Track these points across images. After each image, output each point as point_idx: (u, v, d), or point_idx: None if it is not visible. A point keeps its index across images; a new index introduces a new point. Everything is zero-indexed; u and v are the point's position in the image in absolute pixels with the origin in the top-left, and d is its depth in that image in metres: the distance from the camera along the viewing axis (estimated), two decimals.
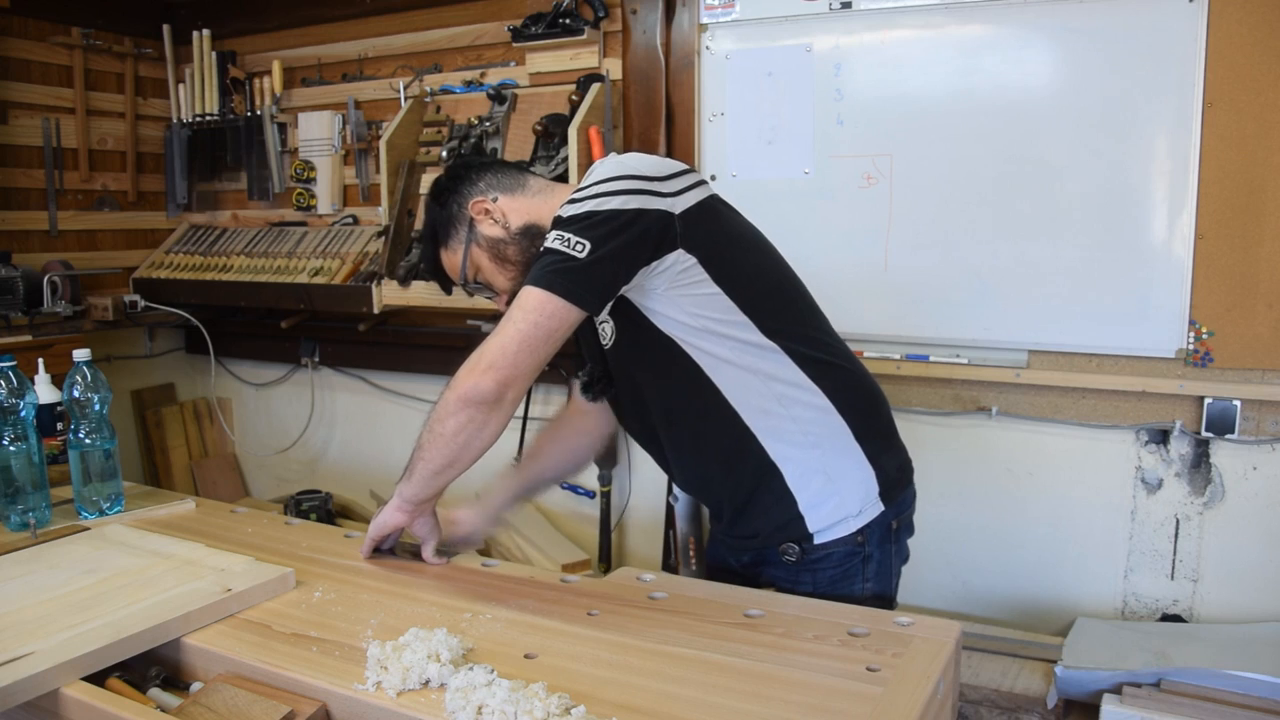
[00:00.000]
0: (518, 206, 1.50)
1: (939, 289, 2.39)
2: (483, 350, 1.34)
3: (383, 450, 3.39)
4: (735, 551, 1.60)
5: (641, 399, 1.51)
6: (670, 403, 1.49)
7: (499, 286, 1.53)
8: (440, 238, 1.54)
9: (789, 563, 1.48)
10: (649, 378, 1.48)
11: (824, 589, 1.47)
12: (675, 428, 1.51)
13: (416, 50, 3.03)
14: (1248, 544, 2.19)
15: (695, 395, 1.44)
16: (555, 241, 1.31)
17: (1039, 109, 2.24)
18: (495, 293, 1.55)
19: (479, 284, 1.54)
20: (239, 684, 1.10)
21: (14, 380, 1.61)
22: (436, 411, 1.37)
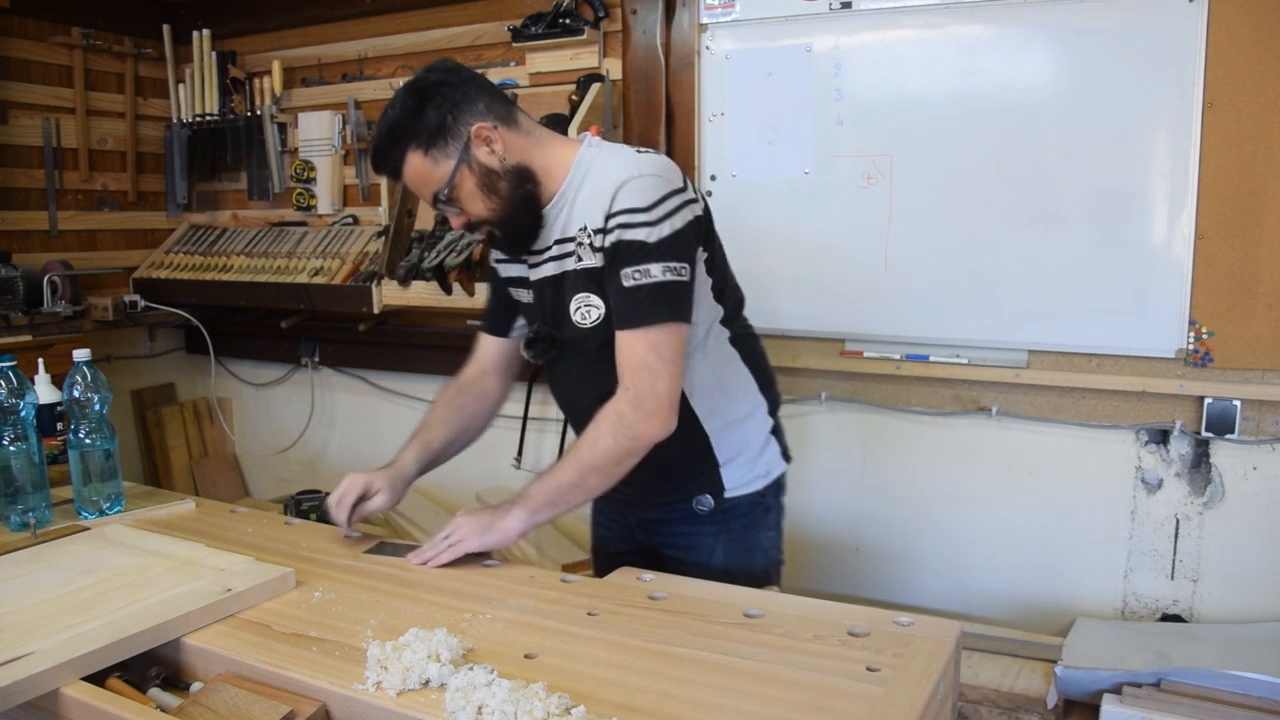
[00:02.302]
0: (515, 143, 1.48)
1: (939, 289, 2.39)
2: (649, 394, 1.41)
3: (383, 450, 3.36)
4: (636, 510, 1.67)
5: (595, 372, 1.51)
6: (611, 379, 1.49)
7: (474, 212, 1.49)
8: (420, 141, 1.44)
9: (700, 513, 1.61)
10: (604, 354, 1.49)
11: (736, 536, 1.63)
12: (603, 397, 1.50)
13: (416, 50, 3.03)
14: (1248, 544, 2.19)
15: None
16: (667, 274, 1.40)
17: (1039, 109, 2.24)
18: (465, 215, 1.49)
19: (449, 201, 1.47)
20: (239, 684, 1.10)
21: (14, 380, 1.61)
22: (610, 451, 1.44)
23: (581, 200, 1.48)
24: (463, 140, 1.44)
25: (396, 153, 1.45)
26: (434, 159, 1.44)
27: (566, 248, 1.50)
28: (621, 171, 1.44)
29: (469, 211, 1.49)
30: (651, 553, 1.68)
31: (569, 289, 1.50)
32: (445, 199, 1.47)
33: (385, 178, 1.51)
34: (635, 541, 1.72)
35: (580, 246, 1.48)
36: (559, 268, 1.52)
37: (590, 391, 1.54)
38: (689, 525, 1.63)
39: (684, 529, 1.63)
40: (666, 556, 1.66)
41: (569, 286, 1.51)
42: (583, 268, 1.47)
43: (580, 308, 1.50)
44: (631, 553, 1.68)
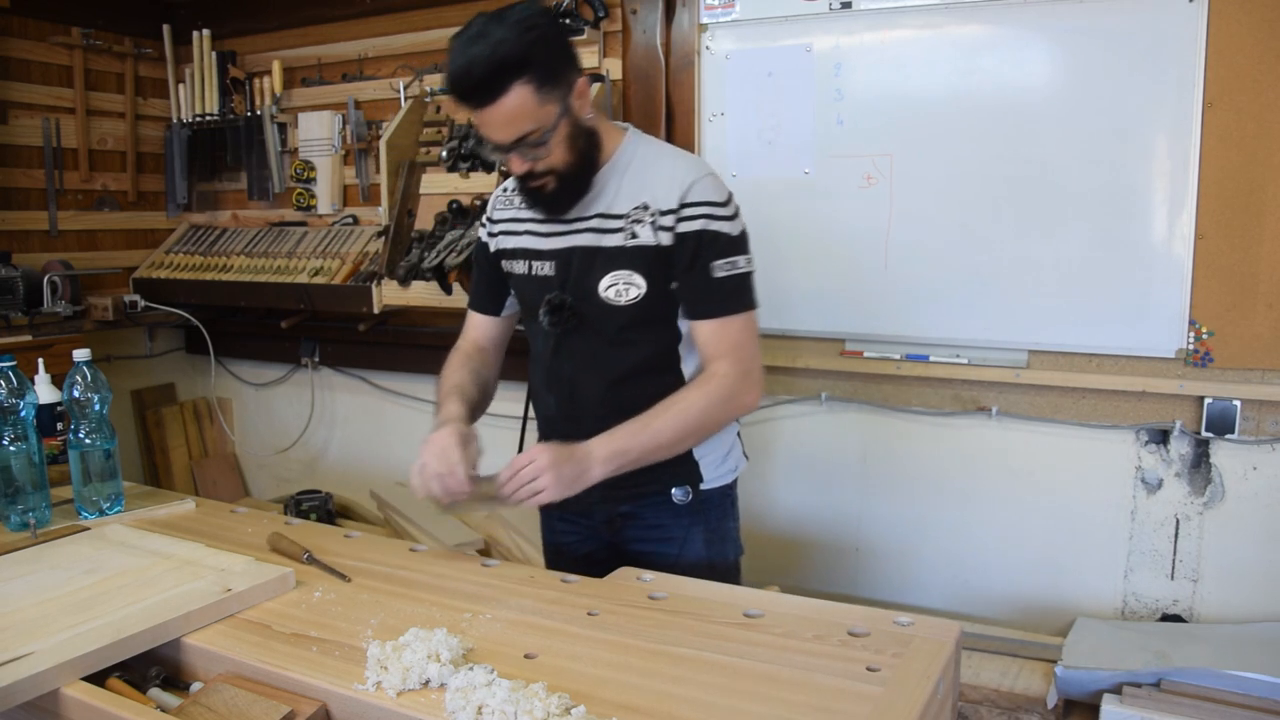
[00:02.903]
0: (589, 107, 1.49)
1: (939, 289, 2.39)
2: (754, 366, 1.53)
3: (383, 450, 3.39)
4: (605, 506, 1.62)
5: (608, 353, 1.55)
6: (635, 362, 1.55)
7: (552, 161, 1.46)
8: (534, 76, 1.38)
9: (679, 503, 1.61)
10: (632, 336, 1.54)
11: (713, 527, 1.65)
12: (624, 385, 1.55)
13: (416, 50, 3.03)
14: (1248, 544, 2.19)
15: (662, 365, 1.58)
16: (748, 265, 1.52)
17: (1039, 109, 2.24)
18: (538, 162, 1.45)
19: (536, 145, 1.42)
20: (239, 684, 1.10)
21: (14, 380, 1.61)
22: (713, 418, 1.51)
23: (631, 180, 1.52)
24: (568, 87, 1.43)
25: (503, 81, 1.37)
26: (541, 98, 1.40)
27: (612, 223, 1.51)
28: (691, 165, 1.53)
29: (553, 162, 1.46)
30: (618, 550, 1.67)
31: (603, 264, 1.50)
32: (535, 141, 1.42)
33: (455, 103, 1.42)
34: (601, 541, 1.69)
35: (636, 224, 1.50)
36: (596, 240, 1.51)
37: (597, 371, 1.54)
38: (664, 517, 1.63)
39: (659, 521, 1.63)
40: (637, 552, 1.64)
41: (604, 261, 1.51)
42: (635, 244, 1.49)
43: (616, 284, 1.50)
44: (597, 552, 1.68)
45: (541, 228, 1.58)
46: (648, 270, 1.50)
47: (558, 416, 1.62)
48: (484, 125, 1.42)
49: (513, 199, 1.64)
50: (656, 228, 1.49)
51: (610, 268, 1.50)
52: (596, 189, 1.53)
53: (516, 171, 1.47)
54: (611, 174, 1.53)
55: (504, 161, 1.48)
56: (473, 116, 1.42)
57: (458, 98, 1.41)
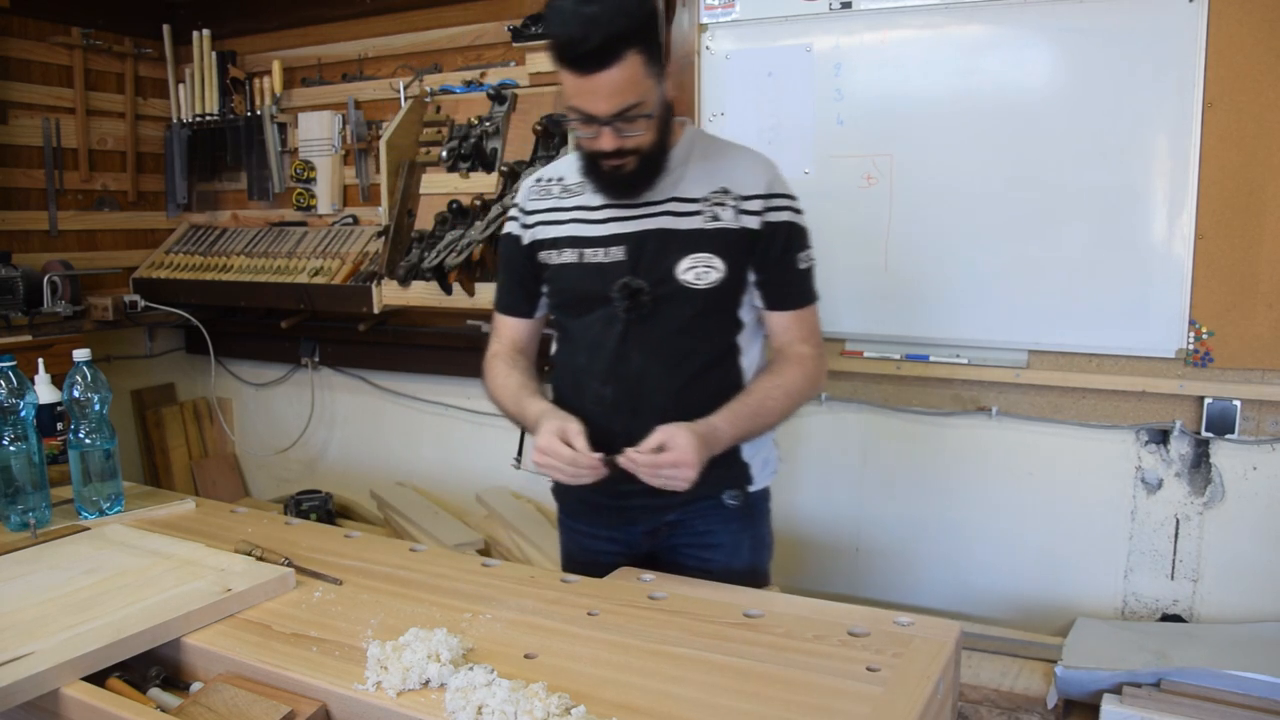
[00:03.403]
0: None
1: (939, 289, 2.39)
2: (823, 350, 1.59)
3: (383, 450, 3.39)
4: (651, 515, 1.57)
5: (681, 338, 1.51)
6: (703, 352, 1.53)
7: (643, 140, 1.42)
8: (646, 47, 1.35)
9: (731, 507, 1.57)
10: (703, 324, 1.52)
11: (759, 531, 1.63)
12: (692, 377, 1.51)
13: (416, 50, 3.03)
14: (1248, 544, 2.19)
15: (725, 357, 1.55)
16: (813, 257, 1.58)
17: (1039, 109, 2.24)
18: (628, 139, 1.41)
19: (634, 119, 1.38)
20: (239, 684, 1.10)
21: (14, 380, 1.61)
22: (799, 392, 1.53)
23: (703, 166, 1.52)
24: (665, 66, 1.43)
25: (619, 48, 1.32)
26: (647, 70, 1.37)
27: (688, 206, 1.49)
28: (765, 158, 1.56)
29: (638, 138, 1.42)
30: (657, 560, 1.59)
31: (681, 246, 1.48)
32: (634, 115, 1.38)
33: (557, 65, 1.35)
34: (639, 552, 1.62)
35: (718, 207, 1.49)
36: (672, 223, 1.49)
37: (667, 361, 1.50)
38: (713, 523, 1.58)
39: (708, 527, 1.59)
40: (680, 561, 1.59)
41: (682, 244, 1.48)
42: (716, 227, 1.48)
43: (697, 267, 1.48)
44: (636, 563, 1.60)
45: (598, 214, 1.53)
46: (728, 253, 1.48)
47: (613, 408, 1.51)
48: (586, 94, 1.36)
49: (549, 189, 1.60)
50: (740, 211, 1.49)
51: (689, 250, 1.48)
52: (666, 173, 1.50)
53: (607, 147, 1.41)
54: (680, 160, 1.51)
55: (586, 136, 1.42)
56: (573, 83, 1.35)
57: (566, 61, 1.34)
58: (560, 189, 1.59)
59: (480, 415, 3.13)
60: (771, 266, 1.53)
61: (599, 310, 1.52)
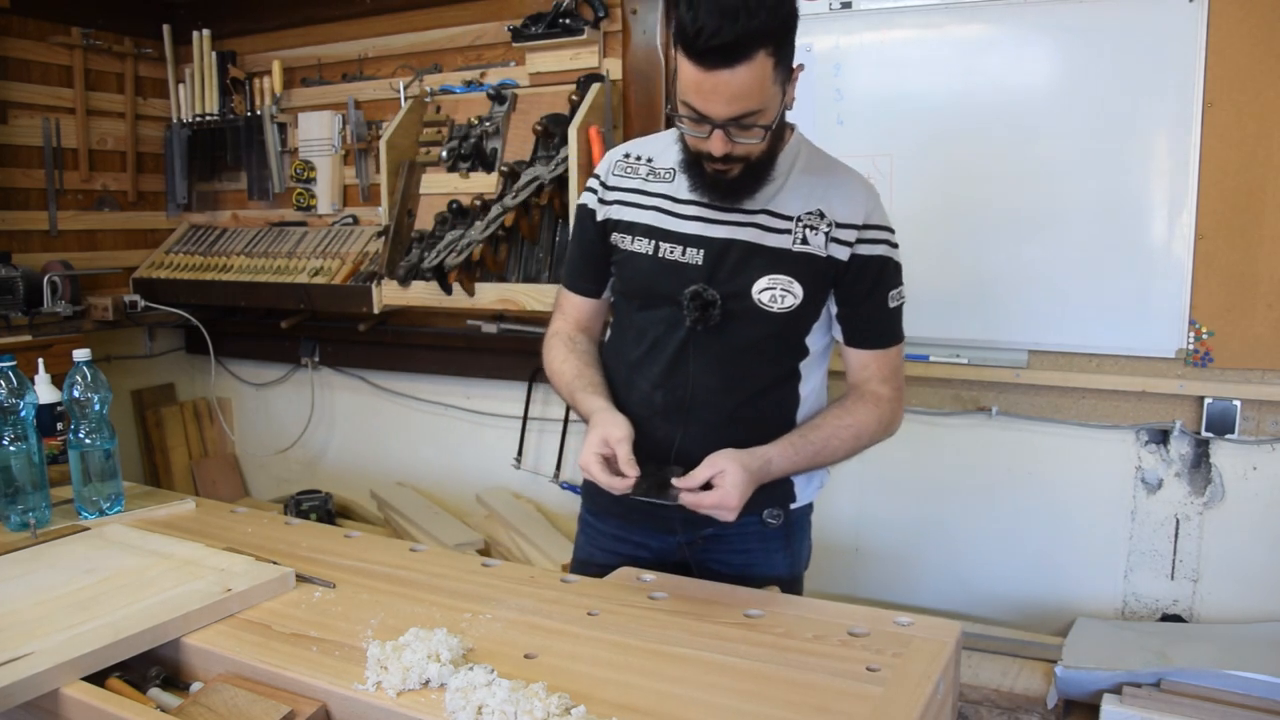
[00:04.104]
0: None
1: (939, 289, 2.39)
2: (903, 393, 1.52)
3: (383, 450, 3.39)
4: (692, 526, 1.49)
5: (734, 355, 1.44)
6: (763, 375, 1.47)
7: (754, 149, 1.32)
8: (777, 49, 1.25)
9: (770, 525, 1.53)
10: (770, 346, 1.46)
11: (795, 548, 1.59)
12: (747, 398, 1.46)
13: (416, 50, 3.03)
14: (1248, 544, 2.19)
15: (784, 382, 1.50)
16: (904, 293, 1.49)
17: (1039, 109, 2.24)
18: (740, 146, 1.31)
19: (749, 126, 1.28)
20: (239, 684, 1.10)
21: (14, 380, 1.61)
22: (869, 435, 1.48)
23: (802, 182, 1.43)
24: (790, 71, 1.32)
25: (752, 46, 1.21)
26: (775, 75, 1.27)
27: (779, 223, 1.41)
28: (867, 183, 1.47)
29: (749, 146, 1.32)
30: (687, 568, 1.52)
31: (763, 264, 1.40)
32: (751, 122, 1.28)
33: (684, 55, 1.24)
34: (673, 561, 1.55)
35: (809, 230, 1.41)
36: (759, 237, 1.41)
37: (724, 378, 1.44)
38: (753, 541, 1.54)
39: (747, 545, 1.54)
40: (716, 570, 1.53)
41: (765, 262, 1.41)
42: (803, 250, 1.40)
43: (774, 289, 1.40)
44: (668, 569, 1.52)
45: (683, 209, 1.44)
46: (809, 280, 1.41)
47: (662, 415, 1.45)
48: (706, 91, 1.25)
49: (636, 167, 1.50)
50: (830, 239, 1.41)
51: (770, 270, 1.40)
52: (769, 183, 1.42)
53: (716, 152, 1.30)
54: (781, 171, 1.42)
55: (695, 135, 1.32)
56: (693, 76, 1.24)
57: (691, 52, 1.22)
58: (648, 170, 1.49)
59: (480, 415, 3.13)
60: (859, 302, 1.45)
61: (664, 309, 1.45)
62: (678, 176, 1.45)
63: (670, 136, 1.50)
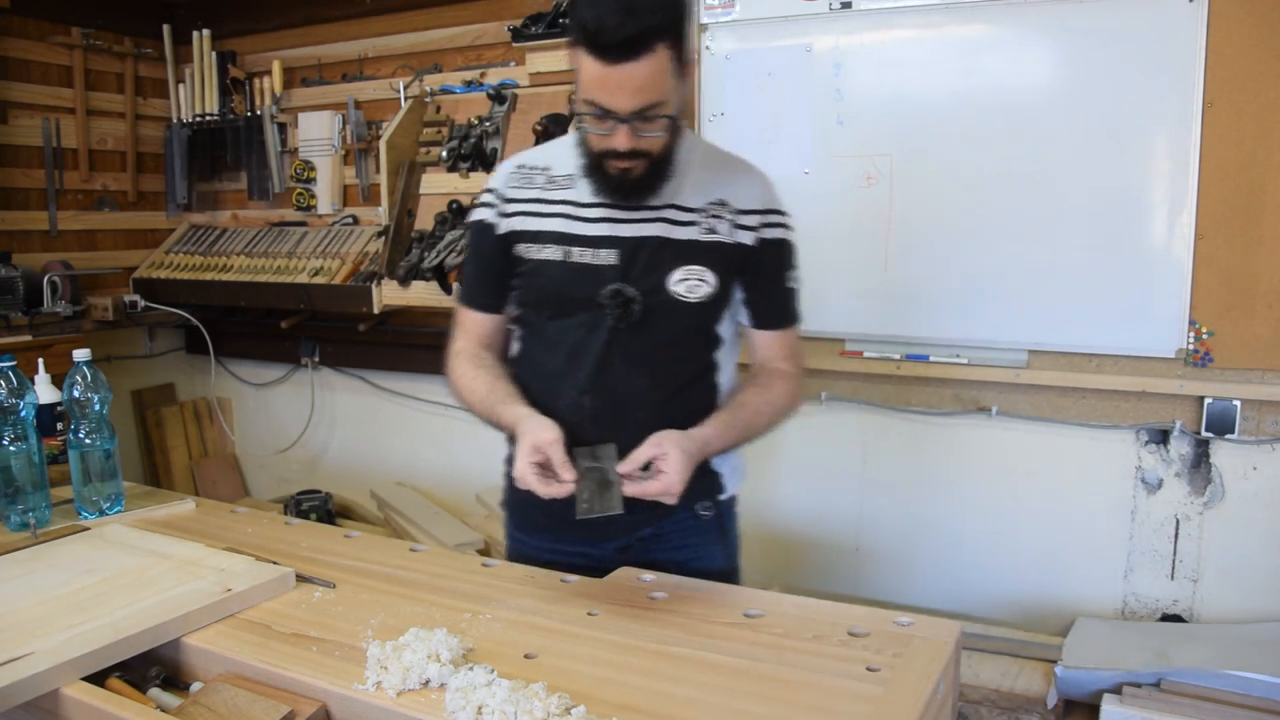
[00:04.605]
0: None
1: (939, 289, 2.39)
2: (803, 369, 1.57)
3: (383, 450, 3.39)
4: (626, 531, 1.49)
5: (657, 350, 1.46)
6: (687, 366, 1.51)
7: (655, 144, 1.35)
8: (675, 42, 1.28)
9: (704, 517, 1.55)
10: (689, 338, 1.49)
11: (729, 539, 1.61)
12: (675, 391, 1.48)
13: (416, 50, 3.04)
14: (1248, 544, 2.19)
15: (705, 372, 1.53)
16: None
17: (1039, 109, 2.24)
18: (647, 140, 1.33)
19: (652, 119, 1.31)
20: (239, 684, 1.10)
21: (14, 380, 1.61)
22: (784, 410, 1.52)
23: (701, 175, 1.47)
24: (689, 64, 1.35)
25: (652, 39, 1.25)
26: (674, 68, 1.30)
27: (684, 215, 1.45)
28: (760, 172, 1.53)
29: (651, 141, 1.34)
30: None
31: (675, 257, 1.44)
32: (654, 114, 1.30)
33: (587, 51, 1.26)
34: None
35: (715, 219, 1.45)
36: (668, 231, 1.44)
37: (651, 374, 1.46)
38: (689, 536, 1.56)
39: (684, 540, 1.55)
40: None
41: (676, 254, 1.44)
42: (712, 240, 1.45)
43: (689, 279, 1.44)
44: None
45: (588, 212, 1.45)
46: (720, 268, 1.45)
47: (592, 419, 1.44)
48: (609, 86, 1.28)
49: (532, 177, 1.52)
50: (736, 226, 1.46)
51: (682, 261, 1.43)
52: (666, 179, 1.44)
53: (621, 147, 1.33)
54: (681, 166, 1.45)
55: (599, 133, 1.34)
56: (596, 73, 1.27)
57: (593, 48, 1.26)
58: (545, 179, 1.50)
59: None
60: (763, 285, 1.52)
61: (581, 314, 1.46)
62: (578, 182, 1.47)
63: (564, 144, 1.52)
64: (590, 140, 1.38)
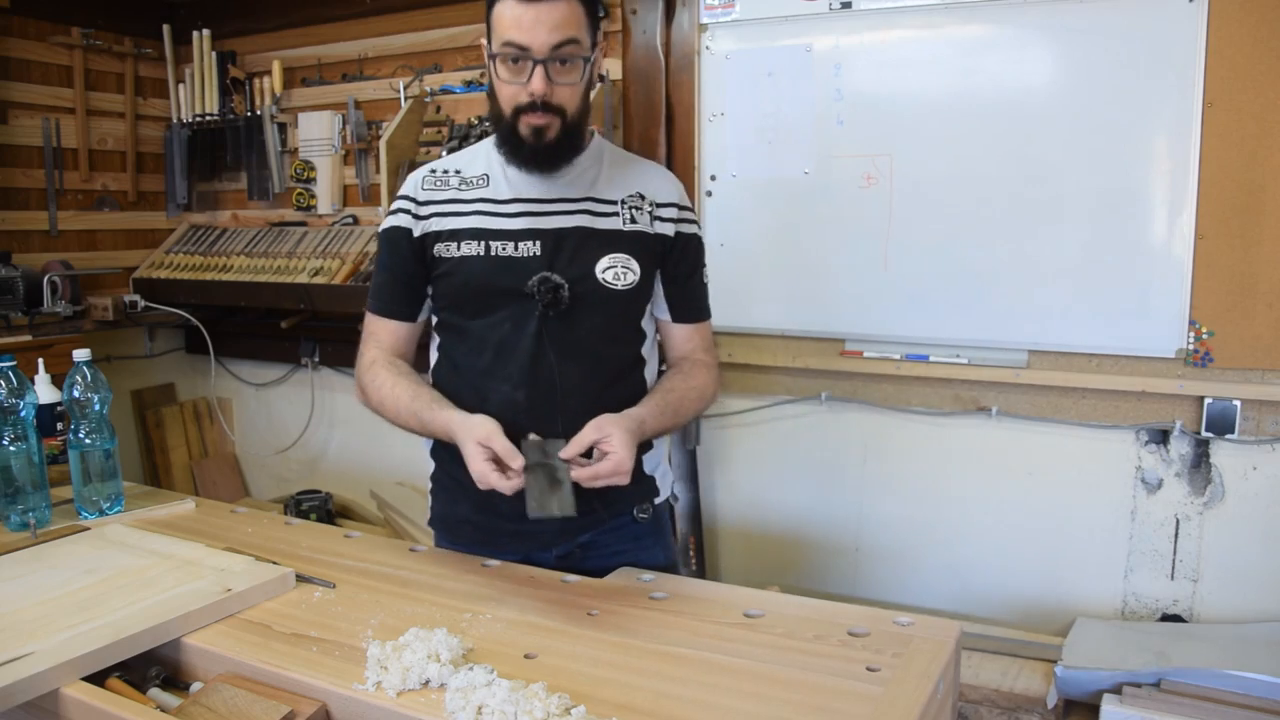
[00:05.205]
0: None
1: (939, 289, 2.39)
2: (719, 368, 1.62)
3: (383, 450, 3.38)
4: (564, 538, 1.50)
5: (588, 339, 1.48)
6: (619, 357, 1.53)
7: (568, 100, 1.39)
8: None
9: (642, 520, 1.57)
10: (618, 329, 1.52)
11: (666, 540, 1.64)
12: (608, 382, 1.49)
13: (416, 50, 3.03)
14: (1248, 544, 2.19)
15: (635, 365, 1.56)
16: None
17: (1039, 109, 2.24)
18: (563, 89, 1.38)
19: (568, 63, 1.37)
20: (239, 684, 1.10)
21: (14, 380, 1.61)
22: (708, 398, 1.57)
23: (615, 171, 1.53)
24: (597, 38, 1.43)
25: None
26: (587, 20, 1.38)
27: (604, 207, 1.49)
28: (669, 171, 1.60)
29: (565, 95, 1.39)
30: None
31: (600, 246, 1.47)
32: (570, 56, 1.36)
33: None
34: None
35: (635, 210, 1.50)
36: (591, 222, 1.48)
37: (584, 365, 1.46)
38: (626, 540, 1.56)
39: (623, 545, 1.55)
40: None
41: (600, 243, 1.47)
42: (634, 230, 1.50)
43: (614, 267, 1.47)
44: None
45: (508, 207, 1.48)
46: (643, 257, 1.49)
47: (524, 414, 1.42)
48: (526, 24, 1.33)
49: (446, 180, 1.53)
50: (654, 218, 1.52)
51: (608, 250, 1.47)
52: (578, 171, 1.49)
53: (536, 90, 1.36)
54: (594, 162, 1.52)
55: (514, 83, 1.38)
56: (513, 13, 1.34)
57: None
58: (459, 181, 1.52)
59: None
60: (684, 279, 1.57)
61: (506, 309, 1.46)
62: (492, 180, 1.51)
63: (473, 151, 1.58)
64: (504, 96, 1.41)
